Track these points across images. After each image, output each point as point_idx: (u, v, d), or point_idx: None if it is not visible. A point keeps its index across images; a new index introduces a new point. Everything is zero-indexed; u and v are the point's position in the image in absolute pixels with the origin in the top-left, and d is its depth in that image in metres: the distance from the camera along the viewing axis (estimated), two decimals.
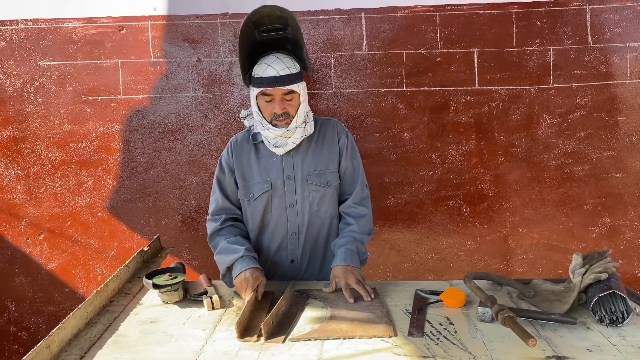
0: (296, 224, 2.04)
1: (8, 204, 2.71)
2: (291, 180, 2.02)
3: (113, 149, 2.66)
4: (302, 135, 1.98)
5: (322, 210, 2.05)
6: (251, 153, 2.04)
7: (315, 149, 2.03)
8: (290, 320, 1.69)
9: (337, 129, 2.08)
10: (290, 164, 2.01)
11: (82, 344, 1.55)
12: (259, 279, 1.85)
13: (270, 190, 2.01)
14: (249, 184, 2.02)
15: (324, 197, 2.04)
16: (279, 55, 1.90)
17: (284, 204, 2.02)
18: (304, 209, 2.03)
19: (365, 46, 2.53)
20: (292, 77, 1.89)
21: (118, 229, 2.71)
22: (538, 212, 2.60)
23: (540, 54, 2.50)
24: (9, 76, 2.63)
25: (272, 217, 2.04)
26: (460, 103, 2.55)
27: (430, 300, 1.80)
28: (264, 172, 2.01)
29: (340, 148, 2.06)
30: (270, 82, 1.86)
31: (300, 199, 2.02)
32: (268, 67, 1.87)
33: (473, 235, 2.64)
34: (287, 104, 1.90)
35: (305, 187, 2.02)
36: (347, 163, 2.06)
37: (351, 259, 1.93)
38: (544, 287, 1.86)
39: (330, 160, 2.04)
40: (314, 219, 2.05)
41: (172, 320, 1.71)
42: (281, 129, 1.92)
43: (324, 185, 2.02)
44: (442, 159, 2.59)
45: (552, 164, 2.57)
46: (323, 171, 2.02)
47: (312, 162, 2.02)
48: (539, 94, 2.53)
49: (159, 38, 2.56)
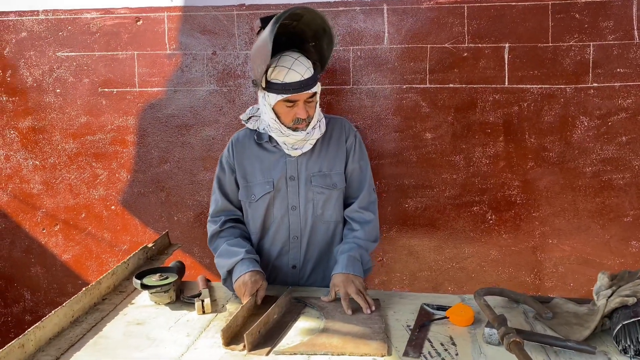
0: (298, 227, 1.93)
1: (26, 194, 2.73)
2: (294, 181, 1.91)
3: (127, 142, 2.62)
4: (319, 134, 1.88)
5: (326, 214, 1.93)
6: (253, 152, 1.93)
7: (321, 149, 1.92)
8: (281, 329, 1.59)
9: (345, 128, 1.96)
10: (294, 164, 1.90)
11: (62, 344, 1.50)
12: (259, 283, 1.75)
13: (272, 191, 1.90)
14: (250, 184, 1.92)
15: (329, 200, 1.92)
16: (294, 55, 1.76)
17: (286, 206, 1.92)
18: (307, 212, 1.92)
19: (387, 40, 2.39)
20: (314, 78, 1.77)
21: (131, 223, 2.68)
22: (571, 223, 2.39)
23: (579, 50, 2.28)
24: (29, 67, 2.63)
25: (273, 220, 1.94)
26: (488, 102, 2.37)
27: (436, 316, 1.66)
28: (266, 173, 1.91)
29: (348, 149, 1.94)
30: (297, 88, 1.73)
31: (303, 201, 1.91)
32: (290, 70, 1.72)
33: (498, 245, 2.45)
34: (308, 106, 1.80)
35: (309, 189, 1.91)
36: (354, 165, 1.94)
37: (353, 267, 1.80)
38: (566, 308, 1.68)
39: (336, 161, 1.92)
40: (317, 223, 1.93)
41: (159, 323, 1.63)
42: (302, 132, 1.81)
43: (329, 187, 1.91)
44: (466, 162, 2.41)
45: (588, 171, 2.35)
46: (328, 172, 1.91)
47: (317, 162, 1.91)
48: (575, 93, 2.31)
49: (175, 30, 2.51)
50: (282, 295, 1.72)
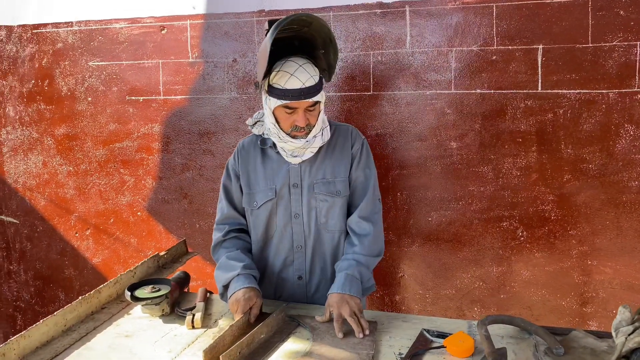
0: (302, 236, 1.87)
1: (61, 199, 2.83)
2: (297, 188, 1.85)
3: (153, 149, 2.65)
4: (321, 143, 1.83)
5: (330, 223, 1.86)
6: (257, 158, 1.91)
7: (325, 156, 1.86)
8: (265, 351, 1.52)
9: (351, 135, 1.90)
10: (297, 171, 1.85)
11: (46, 354, 1.50)
12: (252, 300, 1.69)
13: (274, 198, 1.86)
14: (253, 191, 1.89)
15: (333, 208, 1.85)
16: (300, 62, 1.72)
17: (289, 214, 1.87)
18: (310, 220, 1.86)
19: (409, 43, 2.26)
20: (317, 87, 1.73)
21: (155, 229, 2.71)
22: (613, 243, 2.15)
23: (624, 51, 2.05)
24: (64, 76, 2.73)
25: (276, 229, 1.89)
26: (520, 109, 2.18)
27: (433, 344, 1.52)
28: (269, 179, 1.87)
29: (353, 155, 1.87)
30: (296, 96, 1.69)
31: (306, 209, 1.85)
32: (291, 77, 1.69)
33: (530, 264, 2.24)
34: (309, 115, 1.76)
35: (312, 196, 1.85)
36: (358, 172, 1.87)
37: (350, 286, 1.70)
38: (584, 343, 1.49)
39: (340, 168, 1.85)
40: (321, 232, 1.86)
41: (146, 337, 1.61)
42: (301, 140, 1.77)
43: (332, 194, 1.83)
44: (495, 173, 2.23)
45: (634, 185, 2.10)
46: (332, 179, 1.84)
47: (320, 169, 1.85)
48: (619, 99, 2.07)
49: (197, 38, 2.51)
50: (273, 314, 1.65)
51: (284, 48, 1.75)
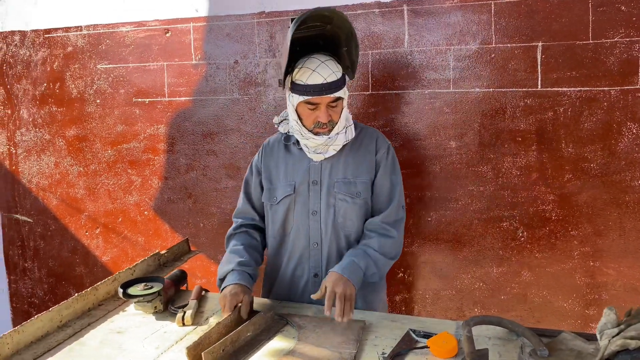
0: (318, 233, 1.87)
1: (72, 198, 2.91)
2: (317, 185, 1.86)
3: (158, 150, 2.70)
4: (344, 141, 1.84)
5: (347, 224, 1.86)
6: (280, 155, 1.94)
7: (347, 156, 1.86)
8: (250, 348, 1.53)
9: (377, 139, 1.90)
10: (317, 169, 1.87)
11: (39, 349, 1.55)
12: (239, 297, 1.70)
13: (293, 194, 1.87)
14: (273, 186, 1.92)
15: (351, 210, 1.85)
16: (322, 58, 1.75)
17: (307, 210, 1.87)
18: (327, 219, 1.86)
19: (407, 42, 2.25)
20: (339, 82, 1.74)
21: (162, 228, 2.76)
22: (616, 244, 2.10)
23: (625, 47, 2.00)
24: (74, 79, 2.81)
25: (293, 225, 1.90)
26: (519, 107, 2.14)
27: (418, 344, 1.51)
28: (289, 175, 1.89)
29: (378, 161, 1.87)
30: (318, 91, 1.72)
31: (324, 207, 1.86)
32: (313, 72, 1.72)
33: (530, 265, 2.21)
34: (332, 111, 1.77)
35: (331, 195, 1.85)
36: (384, 179, 1.86)
37: (351, 272, 1.71)
38: (571, 345, 1.46)
39: (362, 170, 1.85)
40: (338, 232, 1.86)
41: (137, 333, 1.65)
42: (323, 136, 1.79)
43: (352, 195, 1.83)
44: (494, 173, 2.21)
45: (637, 185, 2.05)
46: (353, 180, 1.84)
47: (342, 169, 1.85)
48: (621, 96, 2.02)
49: (200, 40, 2.54)
50: (261, 312, 1.67)
51: (308, 47, 1.77)
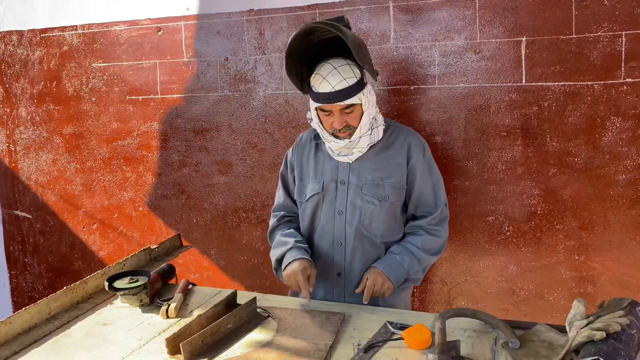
0: (343, 233, 1.88)
1: (69, 195, 2.97)
2: (344, 185, 1.87)
3: (152, 147, 2.75)
4: (369, 143, 1.83)
5: (373, 227, 1.86)
6: (312, 152, 1.95)
7: (377, 157, 1.85)
8: (230, 340, 1.57)
9: (410, 141, 1.87)
10: (346, 169, 1.87)
11: (26, 340, 1.60)
12: (307, 270, 1.75)
13: (321, 192, 1.89)
14: (304, 183, 1.95)
15: (378, 212, 1.85)
16: (337, 64, 1.73)
17: (333, 210, 1.89)
18: (353, 219, 1.86)
19: (393, 38, 2.27)
20: (350, 89, 1.71)
21: (156, 224, 2.81)
22: (600, 238, 2.11)
23: (609, 42, 2.00)
24: (70, 77, 2.86)
25: (319, 223, 1.92)
26: (504, 102, 2.16)
27: (394, 336, 1.54)
28: (319, 174, 1.91)
29: (413, 166, 1.85)
30: (326, 99, 1.73)
31: (350, 207, 1.86)
32: (323, 80, 1.72)
33: (516, 259, 2.22)
34: (347, 117, 1.77)
35: (357, 196, 1.85)
36: (424, 182, 1.86)
37: (392, 269, 1.76)
38: (544, 337, 1.48)
39: (392, 173, 1.84)
40: (362, 233, 1.86)
41: (122, 325, 1.69)
42: (344, 140, 1.79)
43: (379, 198, 1.84)
44: (480, 168, 2.22)
45: (621, 179, 2.05)
46: (382, 183, 1.84)
47: (370, 170, 1.85)
48: (605, 91, 2.03)
49: (191, 38, 2.58)
50: (243, 305, 1.71)
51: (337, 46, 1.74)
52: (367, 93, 1.77)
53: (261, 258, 2.62)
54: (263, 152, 2.54)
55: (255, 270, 2.64)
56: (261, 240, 2.60)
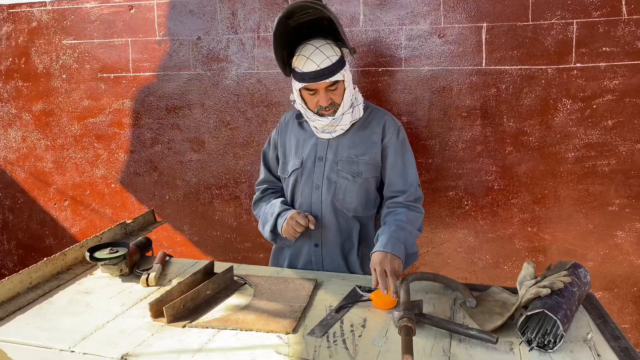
0: (319, 206, 1.98)
1: (39, 172, 2.97)
2: (322, 161, 1.97)
3: (124, 124, 2.78)
4: (351, 120, 1.92)
5: (347, 201, 1.96)
6: (294, 130, 2.05)
7: (354, 136, 1.95)
8: (209, 304, 1.66)
9: (385, 123, 1.96)
10: (324, 146, 1.98)
11: (10, 307, 1.65)
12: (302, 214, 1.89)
13: (300, 168, 2.00)
14: (286, 160, 2.05)
15: (352, 187, 1.95)
16: (318, 44, 1.82)
17: (311, 184, 1.99)
18: (328, 194, 1.97)
19: (362, 22, 2.37)
20: (334, 67, 1.80)
21: (128, 200, 2.85)
22: (551, 211, 2.28)
23: (561, 28, 2.16)
24: (39, 54, 2.85)
25: (298, 197, 2.03)
26: (465, 84, 2.29)
27: (363, 298, 1.67)
28: (299, 151, 2.01)
29: (386, 145, 1.94)
30: (312, 77, 1.81)
31: (326, 182, 1.97)
32: (307, 60, 1.80)
33: (474, 231, 2.39)
34: (332, 94, 1.85)
35: (333, 171, 1.96)
36: (396, 160, 1.94)
37: (393, 246, 1.74)
38: (498, 297, 1.64)
39: (367, 151, 1.93)
40: (336, 207, 1.97)
41: (104, 293, 1.76)
42: (328, 118, 1.88)
43: (353, 174, 1.94)
44: (442, 146, 2.36)
45: (570, 156, 2.23)
46: (356, 159, 1.94)
47: (347, 147, 1.95)
48: (557, 74, 2.19)
49: (163, 16, 2.61)
50: (220, 273, 1.80)
51: (313, 30, 1.84)
52: (347, 70, 1.87)
53: (234, 233, 2.71)
54: (235, 130, 2.62)
55: (228, 245, 2.73)
56: (234, 216, 2.69)
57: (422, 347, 1.36)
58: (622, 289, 2.26)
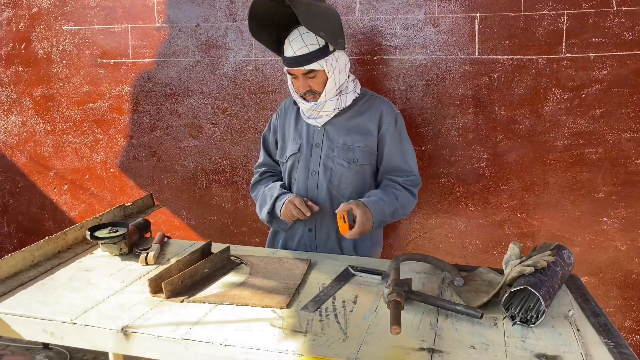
0: (315, 192, 2.04)
1: (39, 156, 3.02)
2: (318, 148, 2.02)
3: (123, 110, 2.83)
4: (335, 107, 1.96)
5: (342, 187, 2.02)
6: (293, 116, 2.10)
7: (349, 123, 1.99)
8: (206, 282, 1.72)
9: (382, 112, 2.00)
10: (320, 132, 2.02)
11: (13, 283, 1.71)
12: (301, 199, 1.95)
13: (297, 153, 2.05)
14: (285, 145, 2.10)
15: (347, 174, 2.00)
16: (303, 30, 1.85)
17: (307, 170, 2.04)
18: (324, 179, 2.02)
19: (358, 10, 2.41)
20: (311, 55, 1.84)
21: (127, 185, 2.90)
22: (540, 197, 2.35)
23: (552, 19, 2.21)
24: (40, 40, 2.88)
25: (295, 182, 2.08)
26: (458, 73, 2.35)
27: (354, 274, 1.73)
28: (297, 136, 2.06)
29: (383, 133, 1.99)
30: (289, 63, 1.87)
31: (322, 168, 2.02)
32: (288, 45, 1.86)
33: (465, 217, 2.45)
34: (310, 81, 1.90)
35: (329, 158, 2.00)
36: (394, 148, 2.00)
37: (377, 212, 1.88)
38: (485, 277, 1.70)
39: (362, 138, 1.98)
40: (332, 193, 2.02)
41: (104, 271, 1.81)
42: (310, 102, 1.93)
43: (349, 160, 1.99)
44: (435, 134, 2.42)
45: (559, 144, 2.29)
46: (352, 146, 1.98)
47: (342, 134, 1.99)
48: (547, 64, 2.24)
49: (163, 3, 2.65)
50: (217, 252, 1.86)
51: None
52: (331, 60, 1.87)
53: (231, 218, 2.77)
54: (233, 117, 2.67)
55: (225, 229, 2.78)
56: (231, 201, 2.74)
57: (410, 322, 1.42)
58: (607, 274, 2.33)
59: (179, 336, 1.36)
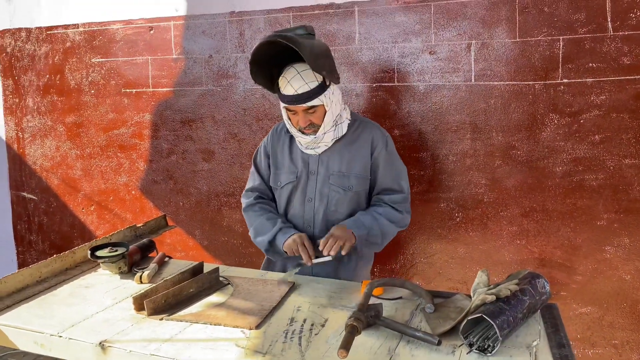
0: (311, 219, 2.10)
1: (70, 178, 3.25)
2: (314, 175, 2.08)
3: (144, 136, 3.01)
4: (334, 138, 2.02)
5: (338, 213, 2.07)
6: (286, 142, 2.14)
7: (344, 150, 2.05)
8: (190, 301, 1.81)
9: (373, 137, 2.05)
10: (316, 160, 2.08)
11: (18, 297, 1.86)
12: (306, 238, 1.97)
13: (294, 181, 2.10)
14: (279, 171, 2.13)
15: (343, 200, 2.06)
16: (300, 68, 1.90)
17: (303, 197, 2.10)
18: (320, 206, 2.07)
19: (358, 40, 2.49)
20: (311, 93, 1.89)
21: (147, 206, 3.07)
22: (539, 224, 2.31)
23: (548, 45, 2.20)
24: (72, 71, 3.13)
25: (292, 208, 2.13)
26: (455, 99, 2.36)
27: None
28: (293, 163, 2.10)
29: (376, 157, 2.05)
30: (290, 101, 1.92)
31: (319, 195, 2.07)
32: (288, 84, 1.90)
33: (465, 243, 2.44)
34: (311, 116, 1.95)
35: (325, 185, 2.06)
36: (386, 171, 2.06)
37: (355, 226, 1.94)
38: (459, 304, 1.71)
39: (356, 165, 2.04)
40: (329, 219, 2.08)
41: (102, 288, 1.94)
42: (310, 136, 1.98)
43: (345, 188, 2.05)
44: (432, 159, 2.43)
45: (558, 170, 2.25)
46: (347, 174, 2.04)
47: (337, 162, 2.05)
48: (544, 90, 2.23)
49: (179, 36, 2.83)
50: (205, 272, 1.95)
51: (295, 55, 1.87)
52: (329, 94, 1.93)
53: (240, 239, 2.87)
54: (242, 142, 2.79)
55: (235, 250, 2.89)
56: (240, 223, 2.85)
57: (369, 347, 1.45)
58: (612, 305, 2.25)
59: (148, 352, 1.45)
